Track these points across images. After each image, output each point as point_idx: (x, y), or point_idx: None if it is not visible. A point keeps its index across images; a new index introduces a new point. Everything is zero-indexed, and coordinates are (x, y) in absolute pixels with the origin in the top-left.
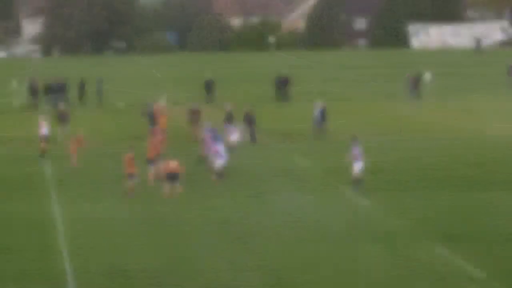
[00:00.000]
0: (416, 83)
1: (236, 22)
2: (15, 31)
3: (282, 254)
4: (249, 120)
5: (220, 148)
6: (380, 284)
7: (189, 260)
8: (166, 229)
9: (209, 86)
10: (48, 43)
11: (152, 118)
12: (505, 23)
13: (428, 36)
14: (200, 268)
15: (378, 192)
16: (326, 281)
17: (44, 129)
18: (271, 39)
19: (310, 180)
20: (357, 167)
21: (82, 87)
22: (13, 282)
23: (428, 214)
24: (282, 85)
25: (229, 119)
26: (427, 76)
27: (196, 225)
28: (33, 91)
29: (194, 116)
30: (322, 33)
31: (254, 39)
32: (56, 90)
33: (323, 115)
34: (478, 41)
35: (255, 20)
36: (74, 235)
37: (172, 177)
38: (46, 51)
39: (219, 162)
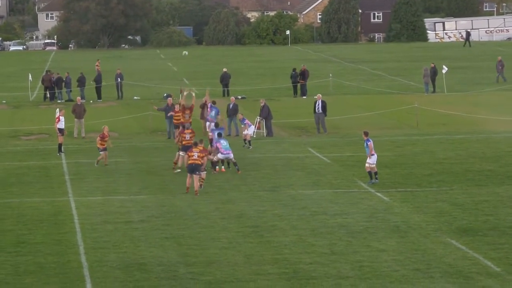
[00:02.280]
0: (432, 76)
1: (252, 15)
2: (32, 25)
3: (299, 248)
4: (265, 114)
5: (221, 144)
6: (397, 278)
7: (205, 253)
8: (183, 223)
9: (224, 80)
10: (64, 37)
11: (167, 112)
12: None
13: (445, 30)
14: (217, 262)
15: (395, 186)
16: (343, 275)
17: (61, 122)
18: (288, 32)
19: (326, 174)
20: (372, 160)
21: (98, 80)
22: (29, 276)
23: (445, 208)
24: (299, 78)
25: (234, 112)
26: (443, 69)
27: (213, 219)
28: (48, 85)
29: (206, 108)
30: (339, 27)
31: (271, 33)
32: (70, 83)
33: (324, 107)
34: (467, 34)
35: (271, 13)
36: (90, 228)
37: (193, 168)
38: (62, 45)
39: (218, 156)
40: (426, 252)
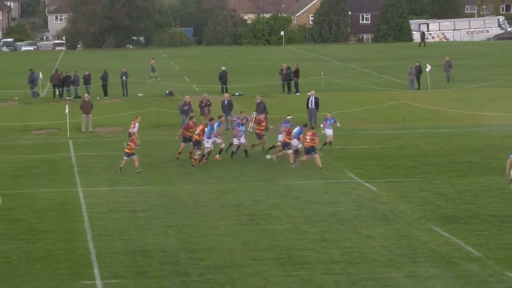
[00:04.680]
0: (417, 74)
1: (249, 17)
2: (42, 27)
3: (293, 235)
4: (261, 109)
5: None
6: (384, 262)
7: (205, 240)
8: (184, 212)
9: (223, 78)
10: (73, 37)
11: (183, 111)
12: (501, 19)
13: (429, 31)
14: (216, 248)
15: (382, 177)
16: (334, 260)
17: (135, 128)
18: (282, 33)
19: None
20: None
21: (105, 78)
22: (40, 261)
23: (429, 197)
24: (292, 76)
25: (229, 108)
26: (428, 68)
27: (212, 208)
28: (57, 83)
29: (206, 106)
30: (330, 28)
31: (266, 34)
32: (78, 81)
33: (316, 103)
34: (422, 35)
35: (267, 15)
36: (97, 217)
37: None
38: (71, 45)
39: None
40: (411, 238)
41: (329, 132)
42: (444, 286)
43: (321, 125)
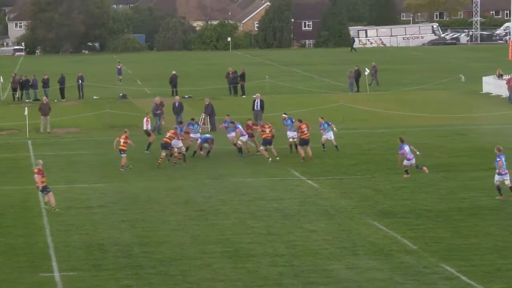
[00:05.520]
0: (356, 77)
1: (198, 24)
2: (2, 33)
3: (240, 229)
4: (210, 111)
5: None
6: (326, 255)
7: (157, 234)
8: (138, 208)
9: (173, 81)
10: (32, 43)
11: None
12: (435, 25)
13: (367, 37)
14: (167, 242)
15: (324, 175)
16: (279, 253)
17: (148, 125)
18: (229, 39)
19: (264, 164)
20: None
21: (62, 82)
22: (1, 255)
23: (368, 194)
24: (239, 80)
25: (180, 110)
26: (366, 71)
27: (164, 204)
28: (16, 86)
29: (159, 108)
30: (274, 34)
31: (214, 40)
32: (36, 85)
33: (262, 105)
34: (352, 41)
35: (214, 22)
36: (55, 213)
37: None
38: (30, 50)
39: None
40: (351, 232)
41: (324, 136)
42: (383, 277)
43: (321, 131)
